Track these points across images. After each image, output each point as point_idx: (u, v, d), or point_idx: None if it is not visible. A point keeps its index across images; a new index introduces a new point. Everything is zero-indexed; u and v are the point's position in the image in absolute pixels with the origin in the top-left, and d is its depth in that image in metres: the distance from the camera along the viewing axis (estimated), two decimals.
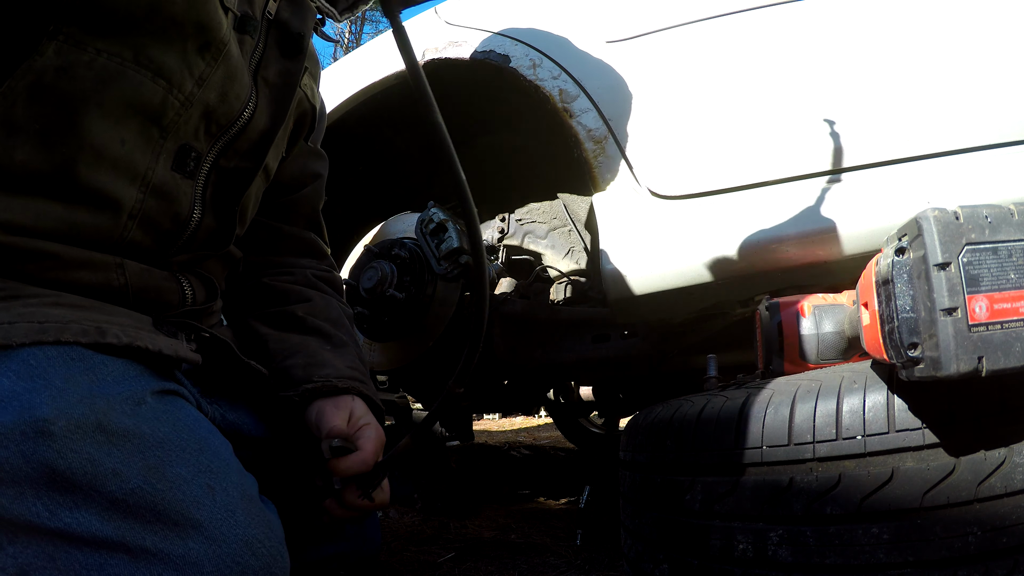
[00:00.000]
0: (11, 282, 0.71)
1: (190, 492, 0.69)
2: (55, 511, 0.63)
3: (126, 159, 0.76)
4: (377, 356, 1.52)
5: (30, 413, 0.64)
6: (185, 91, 0.79)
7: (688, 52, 1.04)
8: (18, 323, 0.68)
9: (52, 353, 0.68)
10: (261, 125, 0.90)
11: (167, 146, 0.79)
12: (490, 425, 5.19)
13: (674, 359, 1.39)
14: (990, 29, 0.90)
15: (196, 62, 0.79)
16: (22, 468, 0.62)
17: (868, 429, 0.66)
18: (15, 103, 0.70)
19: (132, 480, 0.66)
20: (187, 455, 0.71)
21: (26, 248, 0.71)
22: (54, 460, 0.63)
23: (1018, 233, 0.59)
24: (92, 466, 0.65)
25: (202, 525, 0.68)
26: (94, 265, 0.76)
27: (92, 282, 0.76)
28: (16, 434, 0.63)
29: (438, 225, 1.40)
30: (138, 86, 0.75)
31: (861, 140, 0.93)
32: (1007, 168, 0.86)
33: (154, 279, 0.82)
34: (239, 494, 0.73)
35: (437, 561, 1.23)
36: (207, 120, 0.83)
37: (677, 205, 1.01)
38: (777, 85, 0.98)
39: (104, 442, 0.66)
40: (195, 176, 0.84)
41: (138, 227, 0.79)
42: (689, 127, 1.02)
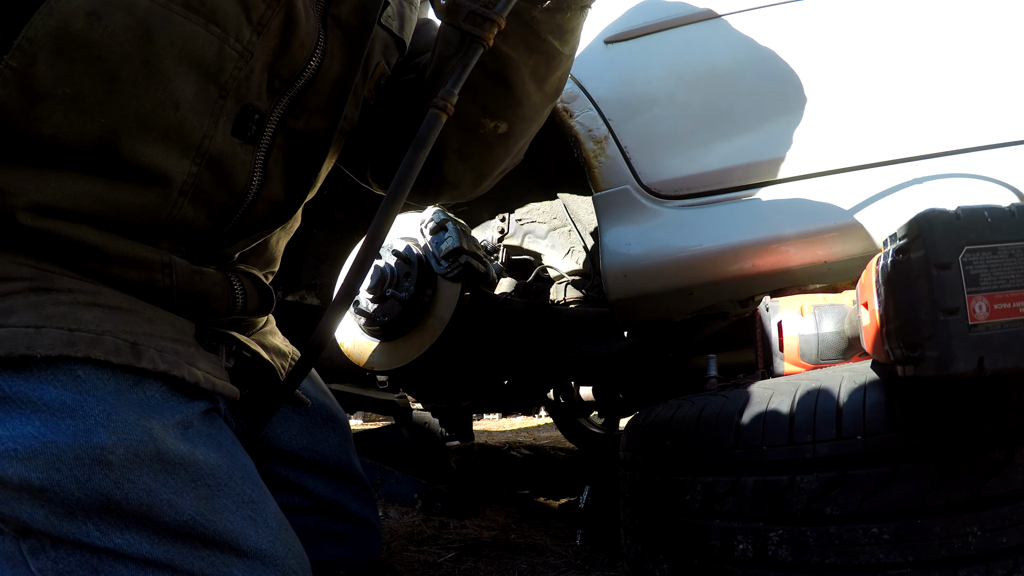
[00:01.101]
0: (45, 265, 0.62)
1: (235, 523, 0.67)
2: (106, 532, 0.61)
3: (178, 126, 0.63)
4: (377, 356, 1.52)
5: (86, 437, 0.60)
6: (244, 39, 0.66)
7: (689, 52, 1.04)
8: (46, 328, 0.60)
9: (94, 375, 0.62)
10: (332, 74, 0.75)
11: (227, 107, 0.66)
12: (490, 425, 5.18)
13: (674, 359, 1.39)
14: (989, 29, 0.90)
15: (255, 3, 0.66)
16: (74, 493, 0.60)
17: (868, 429, 0.66)
18: (35, 59, 0.57)
19: (185, 512, 0.64)
20: (233, 484, 0.69)
21: (63, 237, 0.61)
22: (111, 490, 0.61)
23: (1018, 233, 0.59)
24: (148, 497, 0.62)
25: (246, 554, 0.67)
26: (138, 263, 0.66)
27: (135, 280, 0.67)
28: (71, 458, 0.59)
29: (438, 225, 1.40)
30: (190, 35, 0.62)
31: (863, 140, 0.93)
32: (1007, 168, 0.86)
33: (204, 283, 0.72)
34: (277, 524, 0.72)
35: (437, 561, 1.23)
36: (269, 73, 0.69)
37: (678, 205, 1.01)
38: (777, 85, 0.98)
39: (160, 471, 0.64)
40: (256, 141, 0.70)
41: (189, 203, 0.67)
42: (690, 127, 1.02)
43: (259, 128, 0.70)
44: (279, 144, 0.73)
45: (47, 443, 0.58)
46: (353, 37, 0.76)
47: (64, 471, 0.59)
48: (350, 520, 1.04)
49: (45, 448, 0.58)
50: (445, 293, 1.43)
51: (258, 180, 0.72)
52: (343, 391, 2.33)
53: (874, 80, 0.94)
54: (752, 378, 0.93)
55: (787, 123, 0.97)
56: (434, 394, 1.78)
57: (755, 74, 1.00)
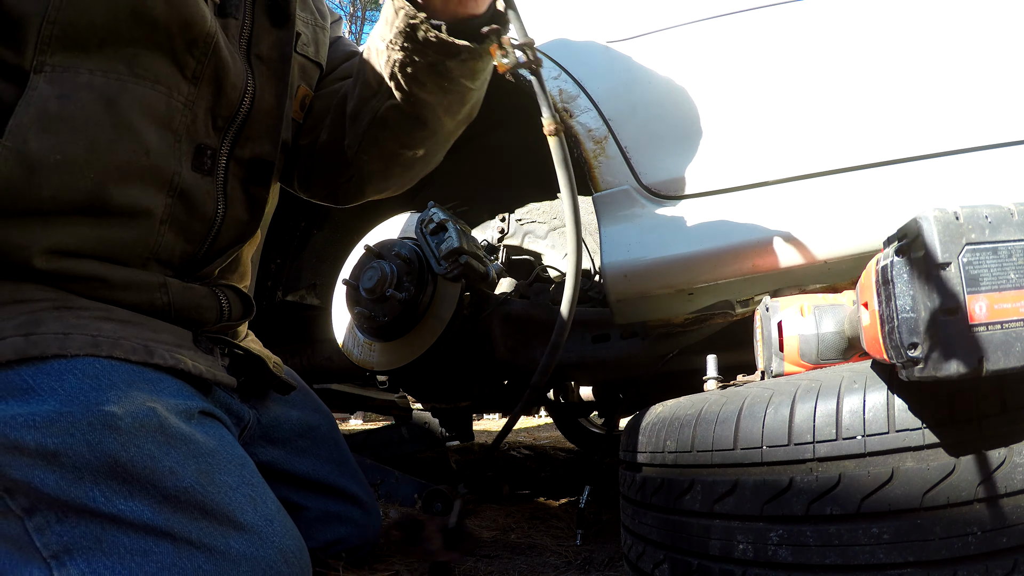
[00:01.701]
0: (61, 292, 0.75)
1: (235, 498, 0.73)
2: (111, 497, 0.67)
3: (152, 169, 0.77)
4: (377, 356, 1.52)
5: (98, 407, 0.68)
6: (184, 92, 0.79)
7: (690, 52, 1.04)
8: (73, 334, 0.71)
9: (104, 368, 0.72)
10: (266, 105, 0.88)
11: (183, 148, 0.80)
12: (490, 425, 5.19)
13: (674, 359, 1.39)
14: (987, 29, 0.90)
15: (187, 61, 0.79)
16: (85, 456, 0.66)
17: (868, 429, 0.66)
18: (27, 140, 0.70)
19: (186, 479, 0.70)
20: (232, 467, 0.76)
21: (74, 272, 0.75)
22: (118, 452, 0.68)
23: (1018, 233, 0.59)
24: (152, 462, 0.69)
25: (244, 528, 0.72)
26: (139, 286, 0.80)
27: (137, 302, 0.80)
28: (84, 424, 0.67)
29: (438, 225, 1.40)
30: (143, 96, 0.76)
31: (863, 140, 0.93)
32: (1007, 168, 0.86)
33: (195, 297, 0.86)
34: (276, 507, 0.78)
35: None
36: (212, 115, 0.83)
37: (678, 205, 1.01)
38: (778, 85, 0.98)
39: (163, 442, 0.71)
40: (213, 172, 0.84)
41: (170, 231, 0.81)
42: (690, 127, 1.02)
43: (213, 162, 0.84)
44: (233, 172, 0.87)
45: (63, 414, 0.67)
46: (277, 69, 0.90)
47: (77, 435, 0.67)
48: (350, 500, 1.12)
49: (61, 417, 0.66)
50: (445, 293, 1.43)
51: (222, 205, 0.86)
52: (343, 391, 2.33)
53: (875, 80, 0.94)
54: (752, 378, 0.93)
55: (789, 123, 0.97)
56: (434, 394, 1.78)
57: (756, 74, 1.00)
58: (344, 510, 1.10)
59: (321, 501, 1.09)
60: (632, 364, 1.42)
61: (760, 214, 0.96)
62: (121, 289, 0.78)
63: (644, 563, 0.83)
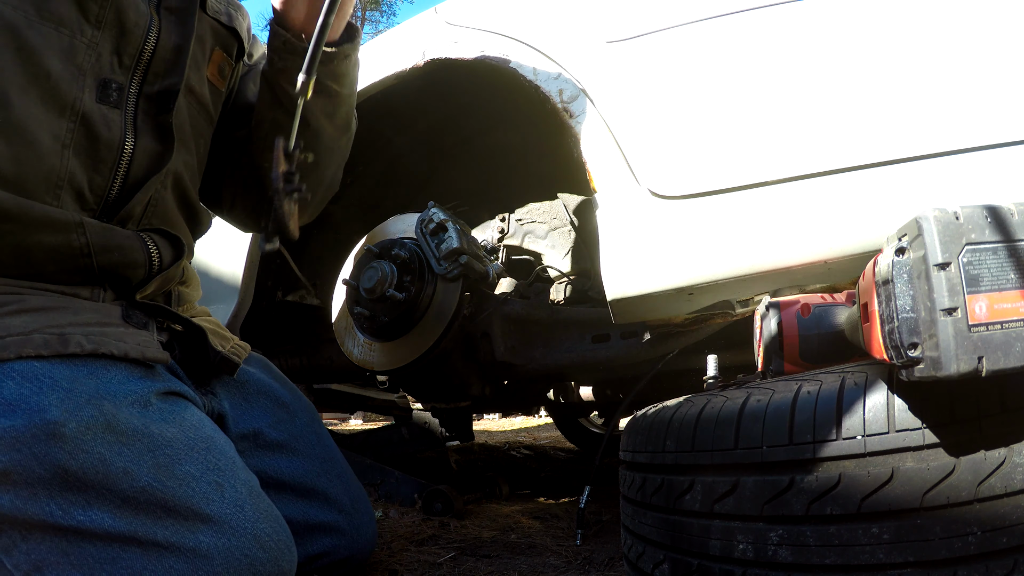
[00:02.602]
0: None
1: (199, 489, 0.71)
2: (68, 510, 0.65)
3: (52, 92, 0.80)
4: (377, 356, 1.52)
5: (40, 416, 0.65)
6: (87, 35, 0.84)
7: (689, 52, 1.04)
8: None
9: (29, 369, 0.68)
10: (171, 45, 0.93)
11: (88, 82, 0.84)
12: (490, 425, 5.19)
13: (674, 359, 1.39)
14: (987, 29, 0.90)
15: (90, 7, 0.84)
16: (35, 470, 0.64)
17: (868, 429, 0.66)
18: None
19: (142, 478, 0.68)
20: (195, 454, 0.73)
21: None
22: (66, 461, 0.65)
23: (1018, 233, 0.59)
24: (103, 465, 0.67)
25: (212, 519, 0.70)
26: (54, 225, 0.77)
27: (54, 244, 0.77)
28: (28, 437, 0.64)
29: (438, 225, 1.40)
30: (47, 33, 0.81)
31: (863, 139, 0.93)
32: (1007, 168, 0.86)
33: (116, 238, 0.83)
34: (247, 490, 0.75)
35: (437, 561, 1.23)
36: (117, 54, 0.87)
37: (677, 205, 1.01)
38: (778, 85, 0.98)
39: (114, 442, 0.68)
40: (121, 106, 0.87)
41: (74, 157, 0.82)
42: (689, 127, 1.02)
43: (120, 95, 0.87)
44: (143, 107, 0.90)
45: (6, 429, 0.64)
46: (181, 16, 0.95)
47: (24, 450, 0.64)
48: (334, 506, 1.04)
49: (5, 433, 0.64)
50: (445, 293, 1.43)
51: (132, 136, 0.88)
52: (343, 391, 2.33)
53: (875, 80, 0.94)
54: (752, 378, 0.93)
55: (789, 123, 0.97)
56: (434, 394, 1.78)
57: (756, 74, 1.00)
58: (329, 518, 1.03)
59: (301, 508, 1.01)
60: (632, 364, 1.42)
61: (760, 214, 0.96)
62: (35, 229, 0.76)
63: (644, 563, 0.83)
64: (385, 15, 22.60)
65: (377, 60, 1.40)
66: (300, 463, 1.03)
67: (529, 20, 1.20)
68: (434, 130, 1.67)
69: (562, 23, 1.16)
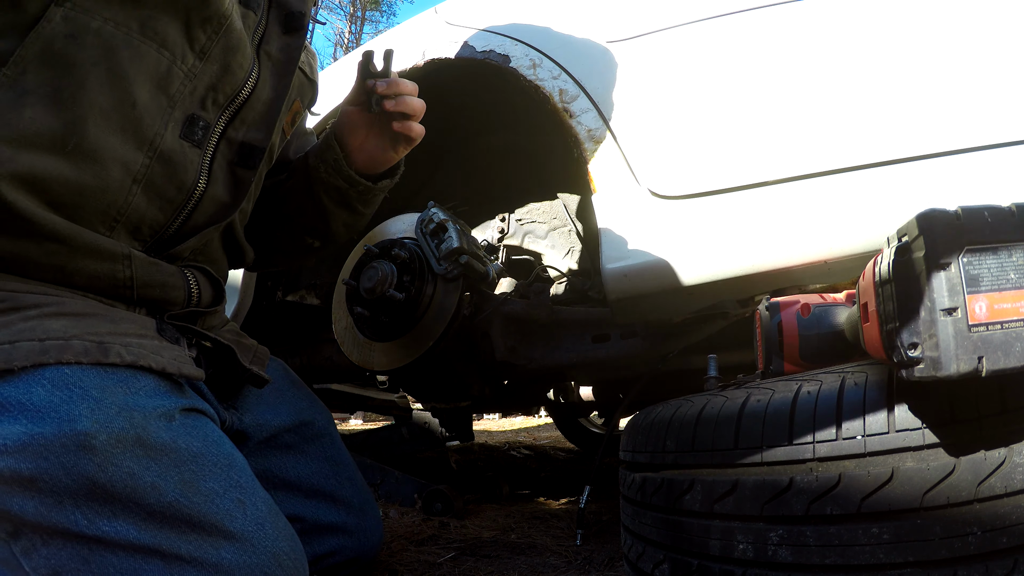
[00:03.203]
0: (11, 285, 0.70)
1: (223, 505, 0.71)
2: (93, 520, 0.65)
3: (135, 123, 0.76)
4: (377, 356, 1.52)
5: (71, 426, 0.65)
6: (188, 63, 0.80)
7: (689, 52, 1.04)
8: (19, 342, 0.67)
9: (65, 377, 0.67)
10: (265, 96, 0.90)
11: (175, 115, 0.80)
12: (490, 425, 5.19)
13: (674, 359, 1.39)
14: (987, 29, 0.90)
15: (198, 35, 0.80)
16: (62, 480, 0.64)
17: (868, 429, 0.66)
18: (25, 70, 0.70)
19: (169, 493, 0.67)
20: (218, 470, 0.73)
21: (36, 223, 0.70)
22: (95, 473, 0.65)
23: (1018, 233, 0.59)
24: (132, 479, 0.66)
25: (234, 536, 0.70)
26: (101, 254, 0.75)
27: (99, 272, 0.76)
28: (57, 447, 0.64)
29: (438, 225, 1.40)
30: (145, 54, 0.76)
31: (863, 140, 0.93)
32: (1007, 168, 0.86)
33: (161, 274, 0.82)
34: (267, 508, 0.75)
35: (437, 561, 1.23)
36: (213, 91, 0.83)
37: (677, 205, 1.01)
38: (778, 85, 0.98)
39: (143, 456, 0.68)
40: (203, 145, 0.84)
41: (142, 193, 0.78)
42: (689, 127, 1.02)
43: (205, 135, 0.84)
44: (222, 151, 0.87)
45: (34, 436, 0.63)
46: (281, 68, 0.93)
47: (52, 459, 0.63)
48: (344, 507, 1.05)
49: (33, 440, 0.63)
50: (445, 293, 1.43)
51: (204, 179, 0.84)
52: (343, 391, 2.33)
53: (875, 80, 0.94)
54: (752, 378, 0.93)
55: (789, 123, 0.97)
56: (434, 394, 1.78)
57: (756, 74, 1.00)
58: (338, 519, 1.04)
59: (311, 508, 1.02)
60: (632, 364, 1.42)
61: (760, 214, 0.96)
62: (82, 255, 0.74)
63: (644, 563, 0.83)
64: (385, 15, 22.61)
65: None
66: (311, 464, 1.04)
67: (529, 20, 1.20)
68: (434, 130, 1.67)
69: (562, 23, 1.16)
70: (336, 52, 22.66)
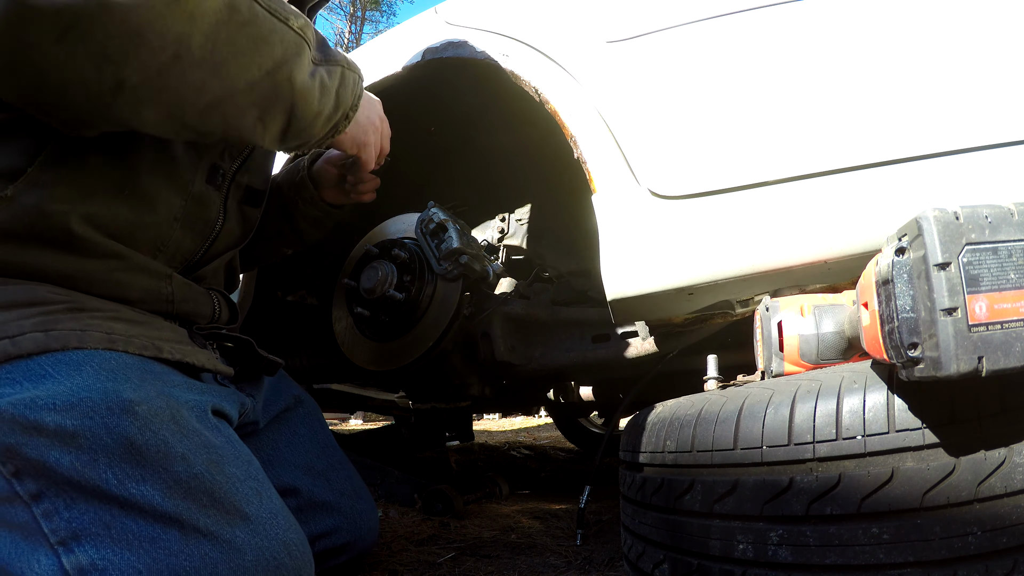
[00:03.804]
0: (75, 294, 0.82)
1: (242, 490, 0.76)
2: (123, 481, 0.69)
3: (175, 172, 0.92)
4: (377, 356, 1.52)
5: (116, 394, 0.73)
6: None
7: (689, 52, 1.04)
8: (89, 331, 0.78)
9: (119, 360, 0.78)
10: (262, 152, 1.11)
11: (202, 165, 0.97)
12: (490, 425, 5.19)
13: (674, 359, 1.39)
14: (987, 29, 0.90)
15: None
16: (103, 438, 0.70)
17: (868, 429, 0.66)
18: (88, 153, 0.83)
19: (197, 466, 0.73)
20: (240, 461, 0.80)
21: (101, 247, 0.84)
22: (134, 435, 0.71)
23: (1018, 233, 0.59)
24: (165, 447, 0.72)
25: (250, 519, 0.75)
26: (150, 272, 0.90)
27: (145, 286, 0.90)
28: (102, 408, 0.71)
29: (438, 225, 1.40)
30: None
31: (863, 139, 0.93)
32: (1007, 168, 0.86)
33: (194, 292, 0.98)
34: (279, 503, 0.81)
35: (437, 561, 1.23)
36: (228, 146, 1.02)
37: (677, 205, 1.01)
38: (778, 85, 0.98)
39: (176, 431, 0.74)
40: (221, 188, 1.01)
41: (181, 228, 0.94)
42: (689, 127, 1.02)
43: (223, 180, 1.01)
44: (233, 193, 1.05)
45: (83, 398, 0.71)
46: None
47: (95, 419, 0.70)
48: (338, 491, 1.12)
49: (81, 402, 0.70)
50: (445, 293, 1.43)
51: (222, 216, 1.02)
52: (343, 391, 2.33)
53: (875, 80, 0.94)
54: (752, 378, 0.93)
55: (789, 123, 0.97)
56: (434, 394, 1.78)
57: (756, 74, 1.00)
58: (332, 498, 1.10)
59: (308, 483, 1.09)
60: (632, 364, 1.42)
61: (760, 214, 0.96)
62: (135, 271, 0.87)
63: (644, 563, 0.83)
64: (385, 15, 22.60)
65: (377, 60, 1.40)
66: (305, 443, 1.14)
67: (529, 20, 1.20)
68: (434, 130, 1.67)
69: (562, 23, 1.16)
70: None
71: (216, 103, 0.77)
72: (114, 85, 0.70)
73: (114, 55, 0.68)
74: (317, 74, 0.86)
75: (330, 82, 0.88)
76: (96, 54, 0.67)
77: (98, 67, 0.68)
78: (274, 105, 0.83)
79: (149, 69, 0.70)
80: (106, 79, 0.69)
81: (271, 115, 0.84)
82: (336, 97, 0.90)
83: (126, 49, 0.68)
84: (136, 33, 0.68)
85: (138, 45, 0.68)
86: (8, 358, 0.72)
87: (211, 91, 0.76)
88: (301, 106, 0.85)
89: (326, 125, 0.91)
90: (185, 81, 0.73)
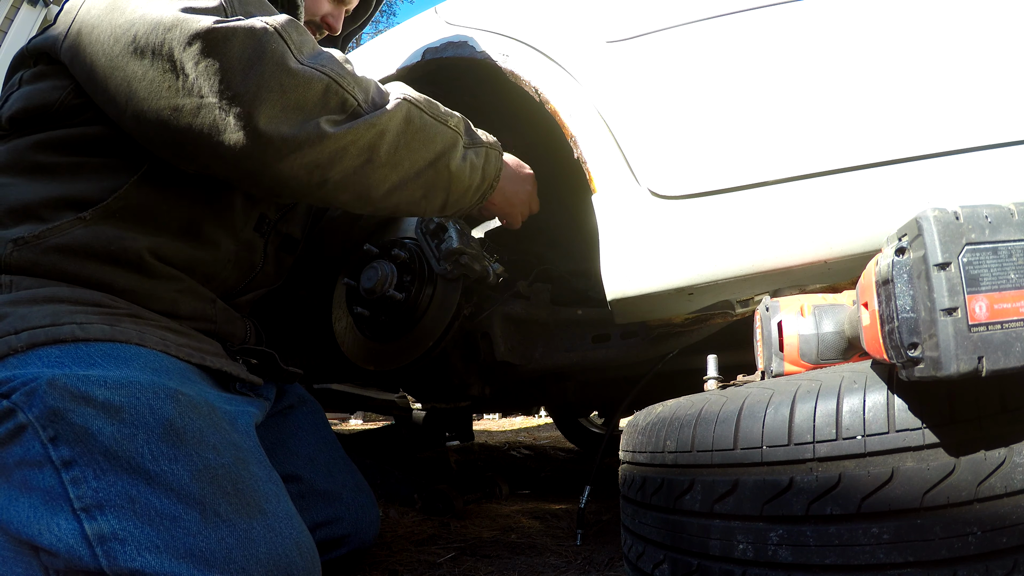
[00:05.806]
0: (134, 306, 0.94)
1: (263, 488, 0.81)
2: (157, 457, 0.74)
3: (231, 221, 1.08)
4: (377, 356, 1.52)
5: (162, 383, 0.80)
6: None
7: (689, 52, 1.04)
8: (147, 334, 0.89)
9: (168, 362, 0.88)
10: (303, 208, 1.30)
11: (252, 214, 1.12)
12: (490, 425, 5.19)
13: (674, 359, 1.39)
14: (987, 29, 0.90)
15: None
16: (145, 416, 0.76)
17: (868, 429, 0.66)
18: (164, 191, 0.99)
19: (226, 457, 0.79)
20: (263, 465, 0.85)
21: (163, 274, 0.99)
22: (175, 418, 0.77)
23: (1018, 233, 0.59)
24: (200, 434, 0.78)
25: (267, 515, 0.78)
26: (201, 295, 1.05)
27: (195, 306, 1.04)
28: (149, 391, 0.78)
29: (438, 225, 1.40)
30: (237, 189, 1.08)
31: (863, 139, 0.93)
32: (1007, 168, 0.86)
33: (231, 316, 1.12)
34: (294, 509, 0.85)
35: (437, 561, 1.23)
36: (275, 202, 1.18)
37: (677, 205, 1.01)
38: (777, 85, 0.98)
39: (211, 424, 0.81)
40: (265, 235, 1.17)
41: (232, 267, 1.11)
42: (689, 128, 1.02)
43: (267, 227, 1.17)
44: (272, 240, 1.20)
45: (132, 381, 0.78)
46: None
47: (142, 398, 0.76)
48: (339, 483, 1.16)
49: (130, 383, 0.77)
50: (445, 293, 1.43)
51: (263, 259, 1.18)
52: (343, 391, 2.33)
53: (875, 80, 0.94)
54: (752, 378, 0.93)
55: (789, 123, 0.97)
56: (434, 394, 1.78)
57: (756, 74, 1.00)
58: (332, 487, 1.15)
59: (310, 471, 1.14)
60: (632, 364, 1.42)
61: (760, 214, 0.96)
62: (188, 293, 1.02)
63: (644, 563, 0.83)
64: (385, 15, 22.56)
65: (377, 60, 1.40)
66: (308, 436, 1.20)
67: (529, 21, 1.20)
68: None
69: (562, 23, 1.16)
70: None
71: (394, 189, 1.00)
72: (320, 182, 0.93)
73: (323, 164, 0.91)
74: (467, 157, 1.08)
75: (477, 161, 1.09)
76: (309, 164, 0.90)
77: (309, 172, 0.91)
78: (436, 186, 1.04)
79: (347, 171, 0.94)
80: (314, 179, 0.93)
81: (434, 193, 1.05)
82: (482, 172, 1.11)
83: (333, 161, 0.92)
84: (341, 149, 0.91)
85: (342, 157, 0.92)
86: (75, 339, 0.81)
87: (390, 181, 0.99)
88: (456, 184, 1.06)
89: (475, 195, 1.12)
90: (373, 176, 0.97)
